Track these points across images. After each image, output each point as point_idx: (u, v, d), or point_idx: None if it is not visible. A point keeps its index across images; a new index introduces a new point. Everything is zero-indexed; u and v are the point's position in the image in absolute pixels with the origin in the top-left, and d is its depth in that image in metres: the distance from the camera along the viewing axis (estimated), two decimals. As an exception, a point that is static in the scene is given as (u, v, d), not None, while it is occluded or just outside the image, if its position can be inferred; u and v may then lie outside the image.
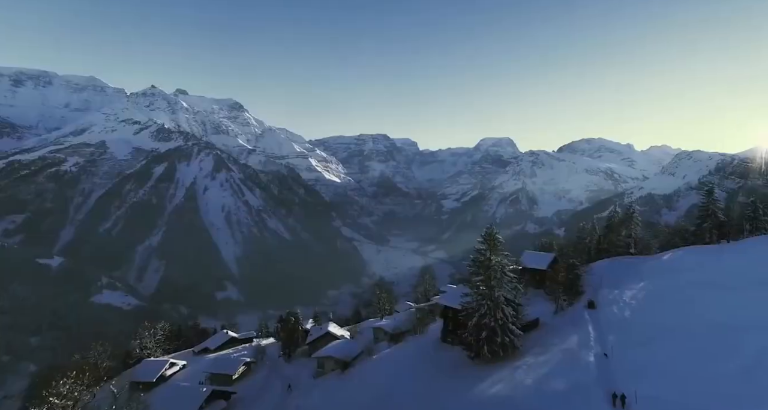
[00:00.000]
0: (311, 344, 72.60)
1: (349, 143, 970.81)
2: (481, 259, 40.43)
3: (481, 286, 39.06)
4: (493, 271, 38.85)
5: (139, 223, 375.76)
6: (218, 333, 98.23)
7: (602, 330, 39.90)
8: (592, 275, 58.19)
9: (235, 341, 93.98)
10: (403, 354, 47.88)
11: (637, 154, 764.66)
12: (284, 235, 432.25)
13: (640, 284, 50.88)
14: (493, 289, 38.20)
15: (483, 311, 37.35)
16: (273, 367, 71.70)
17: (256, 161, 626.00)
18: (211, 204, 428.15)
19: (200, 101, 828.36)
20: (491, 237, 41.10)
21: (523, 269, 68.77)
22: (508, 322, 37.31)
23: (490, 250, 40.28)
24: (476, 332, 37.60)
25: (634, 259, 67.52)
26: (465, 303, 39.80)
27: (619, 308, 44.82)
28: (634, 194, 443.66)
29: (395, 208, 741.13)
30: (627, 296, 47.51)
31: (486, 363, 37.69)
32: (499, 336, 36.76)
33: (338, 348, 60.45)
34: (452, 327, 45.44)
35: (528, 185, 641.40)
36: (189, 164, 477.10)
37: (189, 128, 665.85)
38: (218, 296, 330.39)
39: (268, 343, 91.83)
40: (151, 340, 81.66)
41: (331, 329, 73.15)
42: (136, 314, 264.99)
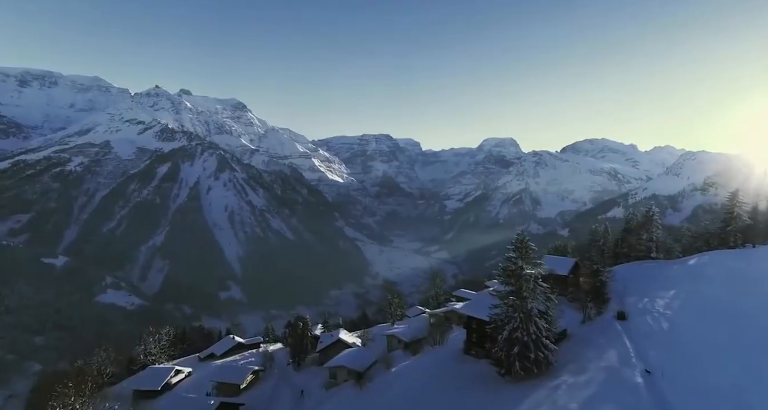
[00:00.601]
0: (322, 352, 70.46)
1: (352, 143, 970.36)
2: (512, 268, 38.13)
3: (512, 297, 36.92)
4: (524, 281, 36.42)
5: (142, 223, 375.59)
6: (224, 338, 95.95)
7: (640, 344, 37.32)
8: (614, 281, 55.76)
9: (241, 346, 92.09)
10: (423, 366, 45.50)
11: (641, 154, 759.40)
12: (287, 235, 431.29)
13: (670, 292, 48.39)
14: (525, 300, 35.90)
15: (515, 324, 35.08)
16: (282, 376, 69.45)
17: (259, 161, 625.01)
18: (215, 204, 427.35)
19: (204, 101, 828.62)
20: (522, 245, 38.64)
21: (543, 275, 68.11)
22: (542, 336, 34.90)
23: (521, 258, 37.97)
24: (507, 346, 35.37)
25: (657, 264, 65.11)
26: (494, 315, 37.63)
27: (653, 319, 42.26)
28: (638, 195, 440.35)
29: (398, 208, 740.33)
30: (659, 306, 45.06)
31: (518, 380, 35.23)
32: (532, 352, 34.40)
33: (351, 357, 58.46)
34: (476, 339, 43.33)
35: (531, 186, 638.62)
36: (192, 164, 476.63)
37: (192, 128, 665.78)
38: (221, 296, 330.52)
39: (276, 349, 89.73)
40: (155, 346, 79.54)
41: (343, 336, 70.91)
42: (140, 314, 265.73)
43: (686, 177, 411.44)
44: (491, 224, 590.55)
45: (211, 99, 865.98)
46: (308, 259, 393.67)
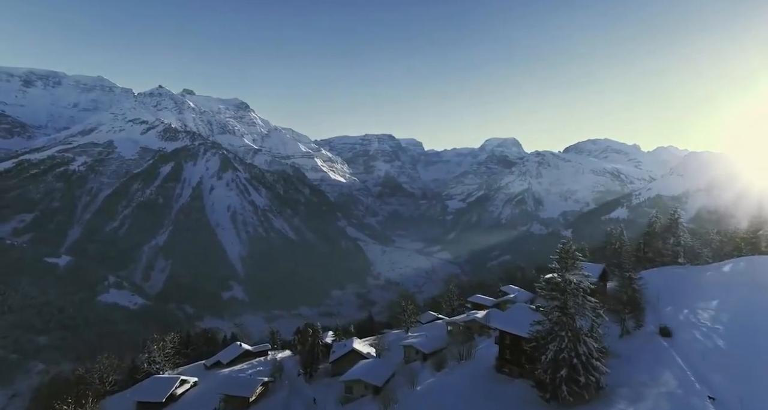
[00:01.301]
0: (335, 362, 67.42)
1: (354, 143, 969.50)
2: (556, 281, 34.46)
3: (558, 313, 33.37)
4: (572, 295, 32.88)
5: (145, 222, 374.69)
6: (231, 345, 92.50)
7: (697, 366, 33.88)
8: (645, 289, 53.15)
9: (248, 354, 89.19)
10: (451, 384, 41.92)
11: (644, 155, 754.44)
12: (289, 235, 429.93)
13: (713, 303, 45.17)
14: (572, 317, 32.43)
15: (562, 344, 31.58)
16: (293, 388, 66.46)
17: (261, 161, 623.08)
18: (217, 204, 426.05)
19: (207, 101, 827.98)
20: (568, 254, 34.95)
21: None
22: (593, 358, 31.41)
23: (566, 269, 34.35)
24: (552, 368, 31.96)
25: (687, 269, 62.34)
26: (536, 332, 34.39)
27: (703, 335, 38.92)
28: (641, 196, 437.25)
29: (400, 208, 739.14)
30: (705, 318, 41.97)
31: (565, 406, 31.63)
32: (581, 375, 30.91)
33: (368, 369, 55.52)
34: (510, 356, 40.56)
35: (534, 186, 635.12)
36: (195, 164, 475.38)
37: (195, 128, 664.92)
38: (224, 296, 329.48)
39: (284, 356, 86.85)
40: (160, 354, 75.71)
41: (356, 346, 67.94)
42: (143, 313, 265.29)
43: (690, 178, 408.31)
44: (493, 224, 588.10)
45: (214, 99, 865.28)
46: (310, 259, 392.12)
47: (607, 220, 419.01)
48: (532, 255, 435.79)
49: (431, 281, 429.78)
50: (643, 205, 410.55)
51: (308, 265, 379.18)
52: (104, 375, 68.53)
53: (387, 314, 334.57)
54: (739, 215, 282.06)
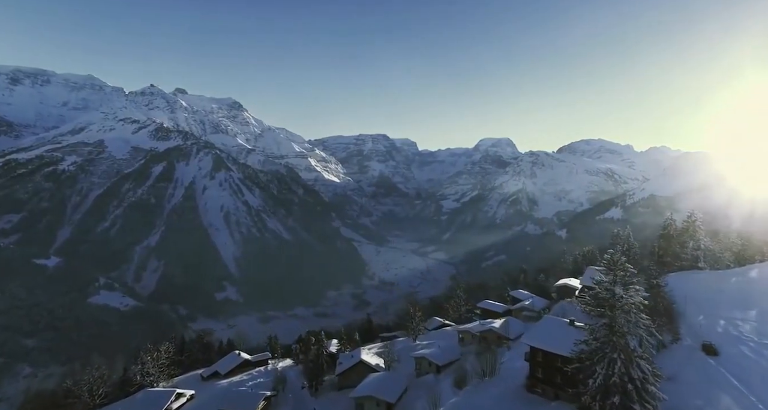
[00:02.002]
0: (342, 375, 63.43)
1: (349, 143, 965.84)
2: (605, 296, 30.56)
3: (606, 332, 29.72)
4: (622, 312, 29.07)
5: (137, 223, 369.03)
6: (229, 354, 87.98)
7: (756, 388, 30.36)
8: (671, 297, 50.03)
9: (247, 364, 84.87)
10: (479, 406, 37.69)
11: (637, 155, 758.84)
12: (283, 235, 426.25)
13: (751, 313, 41.86)
14: (624, 337, 28.63)
15: (614, 368, 27.84)
16: (298, 403, 62.44)
17: (255, 161, 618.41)
18: (210, 204, 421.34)
19: (199, 100, 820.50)
20: (617, 265, 30.99)
21: (588, 290, 61.70)
22: (648, 383, 27.59)
23: (617, 283, 30.51)
24: (602, 394, 28.24)
25: (709, 274, 59.68)
26: (580, 353, 30.70)
27: (752, 351, 35.51)
28: (636, 196, 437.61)
29: (394, 208, 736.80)
30: (747, 331, 38.69)
31: None
32: (636, 403, 27.04)
33: (379, 384, 51.97)
34: (544, 375, 37.33)
35: (528, 186, 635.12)
36: (188, 164, 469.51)
37: (188, 128, 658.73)
38: (217, 296, 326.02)
39: (286, 366, 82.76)
40: (154, 365, 70.30)
41: (365, 357, 64.15)
42: (134, 315, 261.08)
43: (683, 178, 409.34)
44: (488, 224, 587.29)
45: (207, 98, 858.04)
46: (305, 259, 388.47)
47: (602, 220, 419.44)
48: (528, 255, 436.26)
49: (426, 282, 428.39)
50: (638, 205, 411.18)
51: (303, 266, 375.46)
52: (94, 387, 64.52)
53: (382, 314, 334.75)
54: (732, 215, 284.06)
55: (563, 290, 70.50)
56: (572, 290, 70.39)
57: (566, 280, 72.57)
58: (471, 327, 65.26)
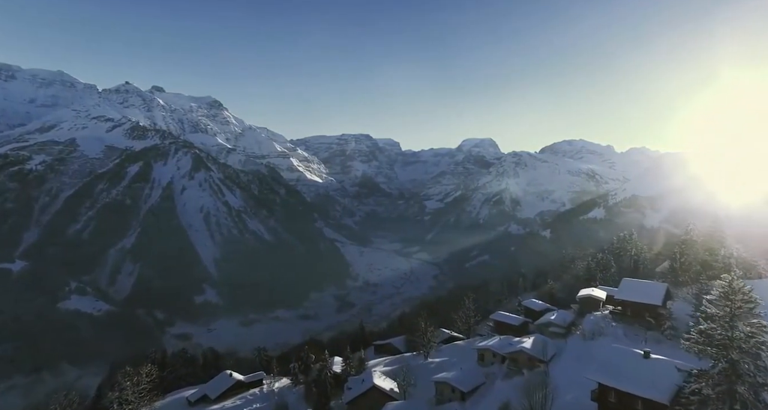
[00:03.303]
0: (352, 403, 56.42)
1: (331, 143, 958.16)
2: (719, 335, 24.50)
3: (725, 380, 23.53)
4: (745, 355, 23.04)
5: (111, 224, 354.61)
6: (220, 375, 79.44)
7: None
8: None
9: (240, 385, 76.59)
10: None
11: (617, 155, 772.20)
12: (265, 236, 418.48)
13: None
14: (754, 389, 22.69)
15: None
16: None
17: (235, 161, 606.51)
18: (189, 205, 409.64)
19: (177, 99, 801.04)
20: (737, 293, 24.29)
21: (623, 304, 56.28)
22: None
23: (734, 316, 24.06)
24: None
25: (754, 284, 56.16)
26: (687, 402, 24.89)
27: None
28: (618, 196, 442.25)
29: (377, 209, 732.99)
30: None
31: None
32: None
33: None
34: None
35: (511, 186, 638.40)
36: (166, 164, 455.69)
37: (166, 126, 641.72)
38: (197, 300, 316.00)
39: (283, 386, 74.72)
40: (133, 391, 61.60)
41: (377, 381, 56.73)
42: (108, 320, 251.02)
43: (664, 178, 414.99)
44: (472, 224, 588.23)
45: (186, 96, 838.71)
46: (287, 261, 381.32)
47: (585, 220, 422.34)
48: (511, 255, 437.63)
49: (410, 282, 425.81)
50: (620, 205, 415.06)
51: (285, 267, 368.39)
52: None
53: (365, 316, 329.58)
54: (712, 214, 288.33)
55: (587, 302, 65.15)
56: (596, 301, 65.40)
57: (589, 290, 67.27)
58: (492, 345, 58.10)
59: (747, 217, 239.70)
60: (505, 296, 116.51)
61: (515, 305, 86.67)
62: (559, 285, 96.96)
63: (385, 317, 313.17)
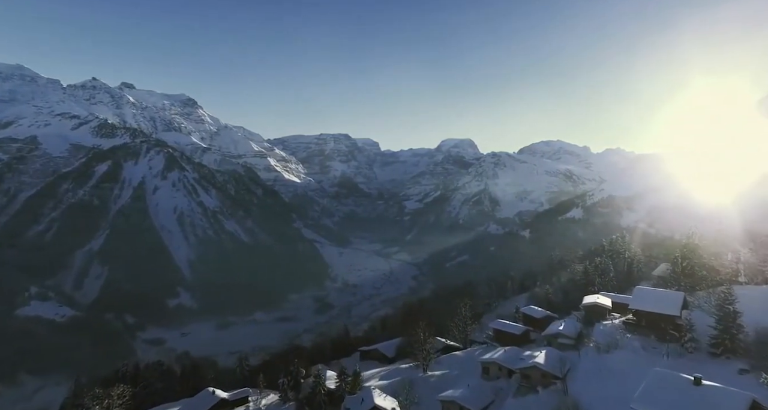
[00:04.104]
0: None
1: (309, 143, 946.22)
2: None
3: None
4: None
5: (78, 226, 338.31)
6: (202, 393, 72.71)
7: None
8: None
9: (224, 404, 69.91)
10: None
11: (594, 156, 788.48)
12: (242, 237, 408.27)
13: None
14: None
15: None
16: None
17: (211, 160, 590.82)
18: (162, 205, 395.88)
19: (149, 96, 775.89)
20: None
21: (638, 313, 52.71)
22: None
23: None
24: None
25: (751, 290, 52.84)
26: None
27: None
28: (595, 196, 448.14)
29: (356, 209, 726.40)
30: None
31: None
32: None
33: None
34: None
35: (490, 187, 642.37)
36: (137, 163, 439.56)
37: (137, 124, 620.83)
38: (170, 303, 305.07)
39: (271, 403, 68.53)
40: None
41: (378, 400, 51.11)
42: (73, 326, 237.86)
43: (640, 178, 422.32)
44: (451, 224, 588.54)
45: (158, 94, 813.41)
46: (265, 262, 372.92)
47: (564, 220, 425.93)
48: (491, 255, 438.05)
49: (390, 283, 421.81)
50: (597, 205, 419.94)
51: (263, 268, 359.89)
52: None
53: (344, 317, 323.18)
54: (687, 214, 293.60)
55: (593, 310, 60.93)
56: (603, 309, 61.47)
57: (594, 297, 63.09)
58: (498, 358, 53.04)
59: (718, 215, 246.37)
60: (494, 300, 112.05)
61: (506, 310, 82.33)
62: (552, 289, 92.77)
63: (365, 318, 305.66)
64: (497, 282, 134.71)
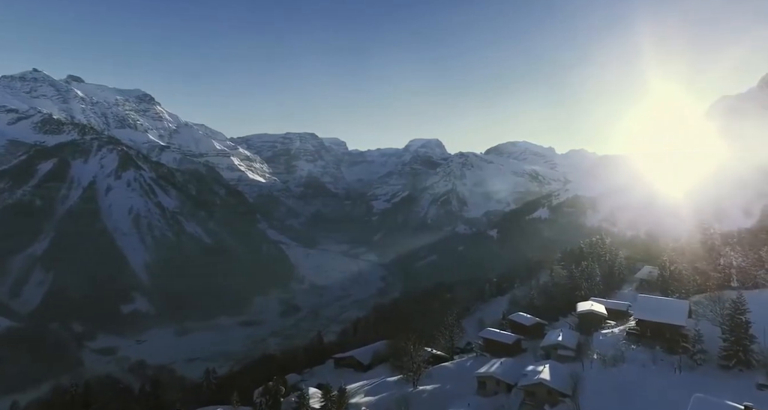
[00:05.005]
0: None
1: (275, 142, 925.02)
2: None
3: None
4: None
5: (16, 228, 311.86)
6: None
7: None
8: None
9: None
10: None
11: (558, 157, 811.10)
12: (204, 239, 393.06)
13: None
14: None
15: None
16: None
17: (170, 159, 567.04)
18: (116, 206, 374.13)
19: (99, 91, 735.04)
20: None
21: (641, 323, 49.19)
22: None
23: None
24: None
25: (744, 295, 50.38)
26: None
27: None
28: (561, 196, 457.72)
29: (323, 209, 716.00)
30: None
31: None
32: None
33: None
34: None
35: (458, 187, 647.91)
36: (87, 161, 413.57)
37: (86, 120, 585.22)
38: (124, 309, 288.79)
39: None
40: None
41: None
42: (9, 337, 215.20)
43: (604, 179, 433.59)
44: (419, 224, 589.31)
45: (110, 89, 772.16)
46: (228, 264, 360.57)
47: (531, 220, 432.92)
48: (459, 255, 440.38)
49: (358, 284, 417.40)
50: (563, 205, 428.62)
51: (226, 271, 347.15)
52: None
53: (312, 320, 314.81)
54: (647, 213, 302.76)
55: (588, 318, 56.98)
56: (599, 318, 58.01)
57: (589, 305, 59.23)
58: (495, 372, 47.57)
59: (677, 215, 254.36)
60: (472, 303, 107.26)
61: (486, 313, 77.67)
62: (536, 293, 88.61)
63: (333, 320, 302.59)
64: (475, 285, 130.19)
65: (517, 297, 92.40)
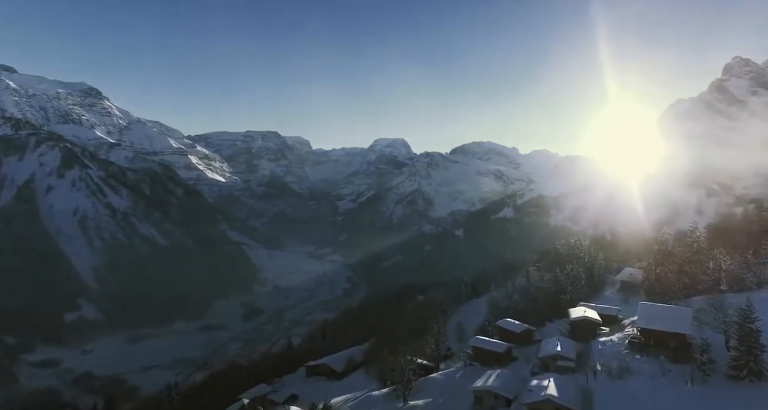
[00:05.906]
0: None
1: (235, 140, 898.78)
2: None
3: None
4: None
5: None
6: None
7: None
8: None
9: None
10: None
11: (522, 157, 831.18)
12: (159, 241, 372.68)
13: None
14: None
15: None
16: None
17: (120, 157, 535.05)
18: (58, 207, 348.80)
19: (37, 83, 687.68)
20: None
21: (645, 332, 46.22)
22: None
23: None
24: None
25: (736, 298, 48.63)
26: None
27: None
28: (525, 196, 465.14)
29: (287, 209, 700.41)
30: None
31: None
32: None
33: None
34: None
35: (423, 186, 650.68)
36: (22, 158, 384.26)
37: (21, 114, 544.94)
38: (67, 317, 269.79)
39: None
40: None
41: None
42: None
43: (567, 179, 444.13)
44: (385, 224, 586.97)
45: (50, 81, 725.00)
46: (186, 267, 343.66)
47: (496, 219, 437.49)
48: (426, 255, 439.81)
49: (323, 286, 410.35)
50: (527, 205, 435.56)
51: (184, 274, 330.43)
52: None
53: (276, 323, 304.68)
54: (609, 212, 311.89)
55: (582, 326, 53.26)
56: (594, 324, 54.97)
57: (582, 311, 55.66)
58: (492, 386, 42.41)
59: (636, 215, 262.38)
60: (449, 307, 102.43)
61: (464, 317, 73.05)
62: (518, 296, 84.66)
63: (298, 322, 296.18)
64: (449, 286, 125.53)
65: (495, 300, 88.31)
